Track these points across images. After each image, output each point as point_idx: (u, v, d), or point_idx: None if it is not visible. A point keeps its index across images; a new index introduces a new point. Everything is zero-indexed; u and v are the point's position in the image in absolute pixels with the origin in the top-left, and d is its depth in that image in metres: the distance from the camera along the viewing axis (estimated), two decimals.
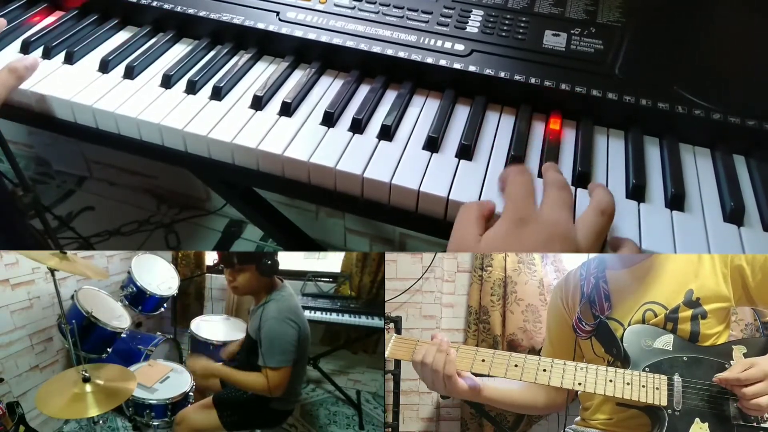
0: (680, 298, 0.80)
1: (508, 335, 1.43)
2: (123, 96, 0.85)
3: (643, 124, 0.81)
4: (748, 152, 0.78)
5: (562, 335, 0.95)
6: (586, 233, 0.62)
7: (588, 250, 0.62)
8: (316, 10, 0.93)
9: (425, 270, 1.47)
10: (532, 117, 0.83)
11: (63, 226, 1.88)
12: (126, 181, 2.08)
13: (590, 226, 0.63)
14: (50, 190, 2.10)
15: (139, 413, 1.29)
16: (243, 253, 1.17)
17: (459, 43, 0.86)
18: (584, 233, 0.62)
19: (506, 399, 0.90)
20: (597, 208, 0.64)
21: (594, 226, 0.63)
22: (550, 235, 0.61)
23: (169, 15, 0.96)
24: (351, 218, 1.81)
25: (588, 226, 0.63)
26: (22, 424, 1.13)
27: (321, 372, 1.84)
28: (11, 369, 1.37)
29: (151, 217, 2.03)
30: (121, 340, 1.49)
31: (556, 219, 0.62)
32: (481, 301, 1.46)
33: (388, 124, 0.79)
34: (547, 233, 0.61)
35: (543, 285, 1.44)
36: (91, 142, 0.88)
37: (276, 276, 1.19)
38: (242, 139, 0.79)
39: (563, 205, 0.64)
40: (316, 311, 1.82)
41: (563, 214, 0.63)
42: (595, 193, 0.68)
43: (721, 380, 0.72)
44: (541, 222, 0.63)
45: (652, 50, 0.85)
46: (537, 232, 0.62)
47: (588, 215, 0.64)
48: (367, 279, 1.96)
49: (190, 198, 2.04)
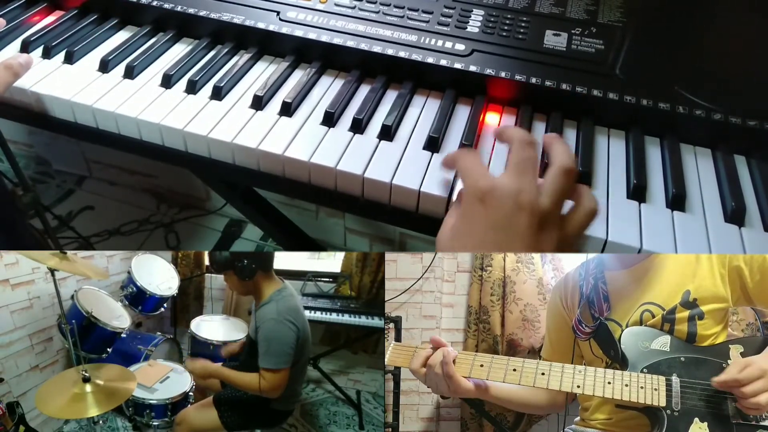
0: (677, 299, 0.80)
1: (507, 335, 1.43)
2: (123, 96, 0.85)
3: (643, 124, 0.81)
4: (749, 152, 0.78)
5: (561, 336, 0.95)
6: (551, 197, 0.58)
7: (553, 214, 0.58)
8: (316, 10, 0.92)
9: (425, 270, 1.47)
10: (533, 117, 0.83)
11: (63, 226, 1.88)
12: (126, 180, 2.08)
13: (554, 188, 0.59)
14: (50, 190, 2.10)
15: (139, 413, 1.29)
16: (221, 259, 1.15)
17: (460, 42, 0.86)
18: (549, 197, 0.58)
19: (511, 398, 0.90)
20: (559, 168, 0.59)
21: (558, 187, 0.59)
22: (513, 206, 0.57)
23: (170, 14, 0.96)
24: (351, 218, 1.81)
25: (552, 189, 0.58)
26: (22, 424, 1.13)
27: (321, 372, 1.84)
28: (11, 369, 1.37)
29: (151, 216, 2.03)
30: (121, 340, 1.49)
31: (519, 186, 0.58)
32: (481, 301, 1.46)
33: (389, 124, 0.79)
34: (510, 204, 0.57)
35: (542, 284, 1.44)
36: (91, 142, 0.88)
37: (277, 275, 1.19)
38: (243, 139, 0.78)
39: (527, 167, 0.59)
40: (316, 311, 1.82)
41: (526, 179, 0.58)
42: (553, 149, 0.62)
43: (719, 383, 0.72)
44: (503, 193, 0.58)
45: (653, 50, 0.85)
46: (498, 204, 0.58)
47: (550, 178, 0.59)
48: (367, 279, 1.96)
49: (190, 198, 2.04)
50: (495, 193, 0.58)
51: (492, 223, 0.58)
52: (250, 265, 1.11)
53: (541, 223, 0.57)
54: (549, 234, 0.58)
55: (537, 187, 0.58)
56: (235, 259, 1.12)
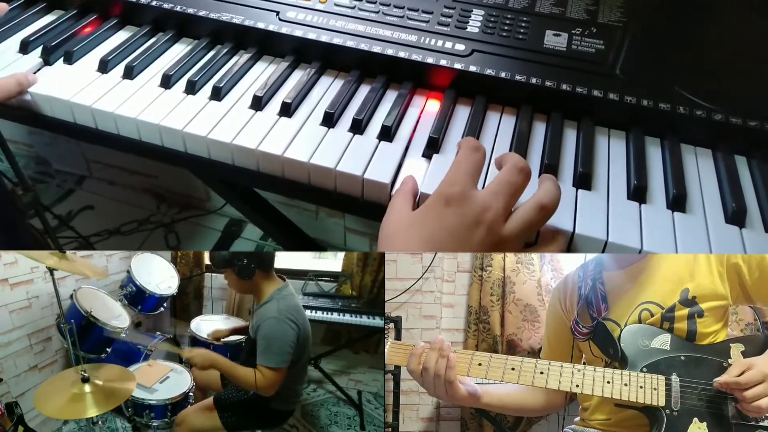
0: (676, 298, 0.80)
1: (507, 335, 1.43)
2: (122, 96, 0.85)
3: (644, 124, 0.80)
4: (750, 153, 0.78)
5: (560, 337, 0.95)
6: (516, 225, 0.59)
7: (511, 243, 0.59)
8: (316, 10, 0.92)
9: (425, 270, 1.47)
10: (534, 117, 0.83)
11: (62, 226, 1.88)
12: (126, 180, 2.08)
13: (523, 219, 0.59)
14: (50, 190, 2.10)
15: (139, 414, 1.29)
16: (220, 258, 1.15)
17: (460, 43, 0.86)
18: (514, 225, 0.59)
19: (505, 403, 0.90)
20: (537, 203, 0.60)
21: (527, 220, 0.59)
22: (474, 220, 0.58)
23: (169, 14, 0.96)
24: (351, 218, 1.80)
25: (521, 218, 0.59)
26: (21, 424, 1.12)
27: (322, 372, 1.84)
28: (10, 369, 1.37)
29: (151, 216, 2.03)
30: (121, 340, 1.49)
31: (489, 205, 0.58)
32: (481, 301, 1.45)
33: (389, 125, 0.79)
34: (471, 219, 0.58)
35: (541, 285, 1.44)
36: (91, 143, 0.88)
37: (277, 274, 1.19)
38: (242, 140, 0.78)
39: (507, 191, 0.60)
40: (317, 311, 1.82)
41: (500, 201, 0.59)
42: (543, 185, 0.62)
43: (720, 384, 0.72)
44: (470, 204, 0.59)
45: (654, 50, 0.84)
46: (461, 215, 0.58)
47: (525, 208, 0.60)
48: (368, 279, 1.96)
49: (190, 197, 2.04)
50: (463, 201, 0.59)
51: (448, 226, 0.59)
52: (249, 265, 1.11)
53: (495, 245, 0.58)
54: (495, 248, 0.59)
55: (505, 211, 0.59)
56: (235, 258, 1.12)
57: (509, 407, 0.91)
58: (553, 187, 0.62)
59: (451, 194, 0.60)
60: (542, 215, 0.60)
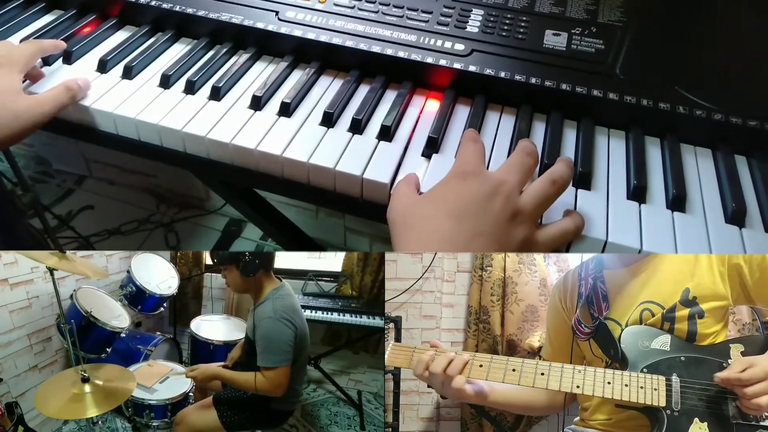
0: (677, 298, 0.80)
1: (507, 335, 1.43)
2: (121, 96, 0.84)
3: (644, 124, 0.80)
4: (750, 153, 0.78)
5: (561, 336, 0.95)
6: (531, 198, 0.62)
7: (529, 215, 0.62)
8: (315, 10, 0.92)
9: (425, 270, 1.47)
10: (533, 117, 0.83)
11: (62, 226, 1.88)
12: (126, 180, 2.08)
13: (537, 191, 0.63)
14: (50, 189, 2.10)
15: (139, 414, 1.29)
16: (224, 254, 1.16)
17: (459, 42, 0.86)
18: (529, 197, 0.62)
19: (510, 401, 0.90)
20: (550, 176, 0.64)
21: (541, 192, 0.63)
22: (492, 191, 0.61)
23: (168, 14, 0.96)
24: (351, 218, 1.80)
25: (535, 191, 0.63)
26: (21, 424, 1.12)
27: (322, 372, 1.84)
28: (10, 369, 1.37)
29: (151, 216, 2.03)
30: (121, 340, 1.49)
31: (504, 178, 0.62)
32: (481, 301, 1.45)
33: (388, 125, 0.79)
34: (489, 189, 0.61)
35: (545, 285, 1.44)
36: (90, 143, 0.88)
37: (274, 274, 1.19)
38: (241, 140, 0.78)
39: (520, 170, 0.64)
40: (317, 311, 1.82)
41: (514, 176, 0.63)
42: (556, 163, 0.67)
43: (721, 380, 0.72)
44: (487, 178, 0.62)
45: (654, 50, 0.84)
46: (479, 185, 0.61)
47: (538, 182, 0.64)
48: (368, 279, 1.96)
49: (189, 197, 2.04)
50: (479, 176, 0.62)
51: (468, 195, 0.61)
52: (254, 260, 1.12)
53: (513, 215, 0.60)
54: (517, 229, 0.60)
55: (519, 185, 0.63)
56: (240, 254, 1.12)
57: (515, 405, 0.92)
58: (565, 164, 0.66)
59: (467, 170, 0.63)
60: (554, 188, 0.63)
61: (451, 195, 0.62)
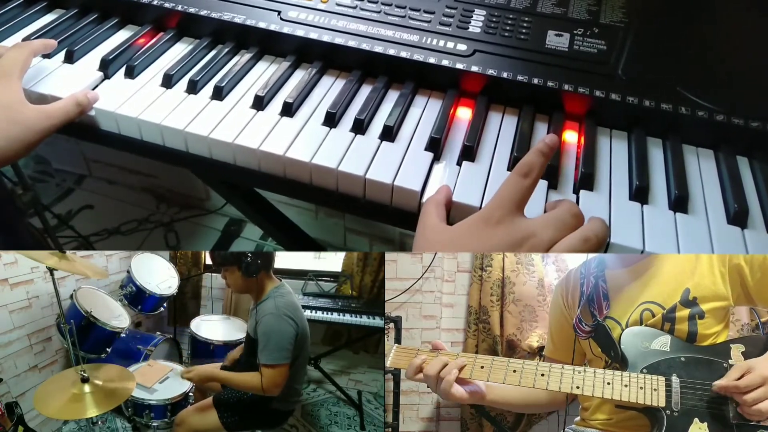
0: (677, 298, 0.80)
1: (507, 335, 1.43)
2: (123, 96, 0.84)
3: (646, 125, 0.80)
4: (752, 154, 0.78)
5: (562, 334, 0.95)
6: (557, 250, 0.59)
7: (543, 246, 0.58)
8: (317, 10, 0.92)
9: (425, 270, 1.47)
10: (535, 118, 0.83)
11: (62, 225, 1.88)
12: (125, 179, 2.08)
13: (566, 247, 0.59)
14: (49, 189, 2.09)
15: (139, 414, 1.29)
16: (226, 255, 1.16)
17: (461, 43, 0.86)
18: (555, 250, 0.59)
19: (509, 400, 0.90)
20: (583, 234, 0.59)
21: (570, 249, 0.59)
22: (518, 242, 0.58)
23: (170, 14, 0.96)
24: (351, 218, 1.80)
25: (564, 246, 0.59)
26: (21, 424, 1.12)
27: (322, 372, 1.84)
28: (10, 369, 1.37)
29: (151, 216, 2.03)
30: (121, 340, 1.49)
31: (537, 232, 0.58)
32: (481, 301, 1.45)
33: (390, 125, 0.79)
34: (516, 239, 0.58)
35: (543, 285, 1.44)
36: (91, 142, 0.88)
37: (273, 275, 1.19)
38: (244, 140, 0.78)
39: (558, 227, 0.59)
40: (317, 311, 1.82)
41: (548, 232, 0.59)
42: (591, 221, 0.62)
43: (720, 388, 0.72)
44: (518, 228, 0.59)
45: (656, 51, 0.84)
46: (507, 234, 0.58)
47: (570, 237, 0.59)
48: (368, 279, 1.96)
49: (189, 197, 2.04)
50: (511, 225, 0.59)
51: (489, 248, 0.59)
52: (255, 261, 1.12)
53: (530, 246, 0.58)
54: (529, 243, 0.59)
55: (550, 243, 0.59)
56: (241, 255, 1.12)
57: (514, 403, 0.92)
58: (601, 224, 0.61)
59: (501, 216, 0.59)
60: (586, 247, 0.59)
61: (475, 242, 0.60)
